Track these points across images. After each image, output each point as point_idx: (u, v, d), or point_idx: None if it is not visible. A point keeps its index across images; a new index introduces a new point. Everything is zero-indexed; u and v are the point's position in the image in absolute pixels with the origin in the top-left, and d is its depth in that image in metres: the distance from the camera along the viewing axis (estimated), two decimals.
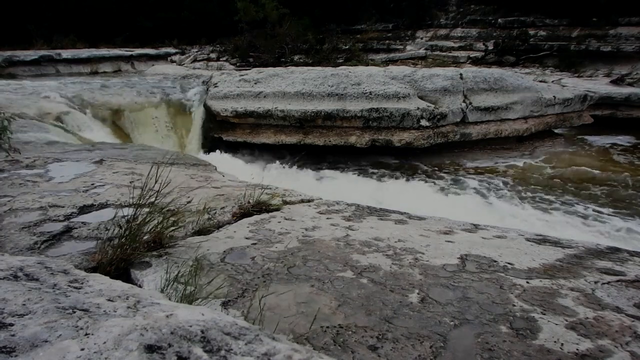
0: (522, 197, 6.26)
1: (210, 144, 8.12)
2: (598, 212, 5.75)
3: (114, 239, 1.76)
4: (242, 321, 0.86)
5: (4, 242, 1.86)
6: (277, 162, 7.54)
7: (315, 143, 7.51)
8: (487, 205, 5.95)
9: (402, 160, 7.84)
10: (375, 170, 7.47)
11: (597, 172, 7.31)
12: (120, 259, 1.67)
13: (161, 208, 1.90)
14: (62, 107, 6.75)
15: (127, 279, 1.66)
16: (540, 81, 10.08)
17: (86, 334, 0.74)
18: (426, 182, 6.92)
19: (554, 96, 8.48)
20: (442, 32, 18.24)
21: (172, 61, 15.73)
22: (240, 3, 15.62)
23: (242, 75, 8.50)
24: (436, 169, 7.54)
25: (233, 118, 7.88)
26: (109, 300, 0.94)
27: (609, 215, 5.64)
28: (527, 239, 2.12)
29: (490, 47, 15.70)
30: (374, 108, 7.15)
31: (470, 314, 1.39)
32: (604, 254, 1.93)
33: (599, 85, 10.83)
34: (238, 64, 14.28)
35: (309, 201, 2.83)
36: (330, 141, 7.45)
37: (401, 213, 2.60)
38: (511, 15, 16.63)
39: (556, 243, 2.06)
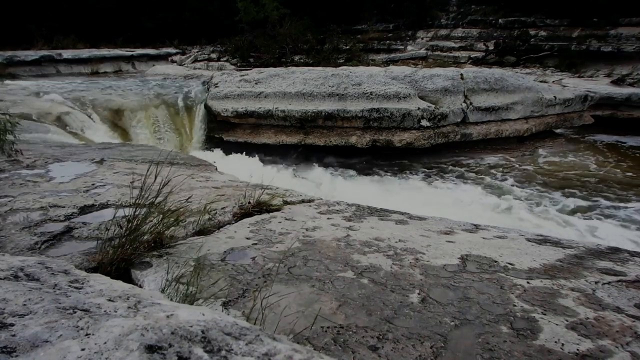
0: (523, 197, 6.26)
1: (211, 144, 8.13)
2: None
3: (114, 239, 1.76)
4: (242, 321, 0.86)
5: (5, 242, 1.86)
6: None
7: (316, 143, 7.52)
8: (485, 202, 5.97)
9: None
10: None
11: (596, 171, 7.32)
12: (121, 259, 1.67)
13: (162, 208, 1.90)
14: (62, 107, 6.76)
15: (128, 279, 1.66)
16: (541, 81, 10.08)
17: (87, 334, 0.74)
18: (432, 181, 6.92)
19: (554, 96, 8.48)
20: (443, 32, 18.23)
21: (173, 61, 15.74)
22: (240, 3, 15.64)
23: (243, 76, 8.50)
24: (436, 169, 7.54)
25: (234, 118, 7.89)
26: (109, 300, 0.94)
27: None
28: (528, 239, 2.11)
29: (491, 48, 15.69)
30: (374, 108, 7.15)
31: (471, 314, 1.39)
32: (604, 254, 1.92)
33: (599, 85, 10.82)
34: (239, 64, 14.29)
35: (309, 201, 2.83)
36: (330, 141, 7.46)
37: (402, 213, 2.60)
38: (512, 15, 16.61)
39: (557, 243, 2.06)
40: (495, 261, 1.80)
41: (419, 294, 1.53)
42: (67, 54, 13.82)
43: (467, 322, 1.35)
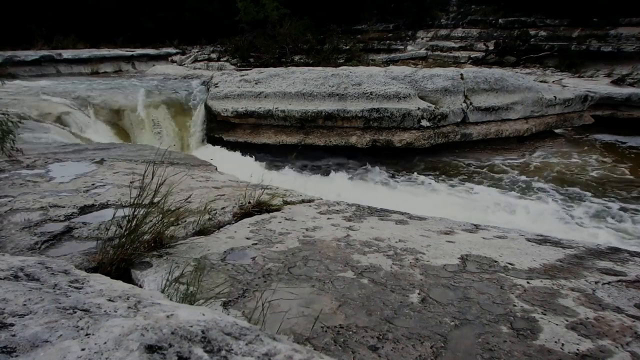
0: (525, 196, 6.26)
1: (211, 144, 8.13)
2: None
3: (114, 239, 1.76)
4: (242, 321, 0.86)
5: (5, 242, 1.86)
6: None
7: (316, 143, 7.52)
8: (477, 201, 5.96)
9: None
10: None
11: (595, 171, 7.32)
12: (121, 259, 1.67)
13: (162, 208, 1.90)
14: (62, 107, 6.76)
15: (128, 279, 1.66)
16: (541, 81, 10.08)
17: (87, 334, 0.74)
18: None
19: (554, 96, 8.48)
20: (443, 32, 18.23)
21: (173, 61, 15.73)
22: (240, 3, 15.63)
23: (243, 76, 8.50)
24: (440, 170, 7.53)
25: (234, 118, 7.89)
26: (109, 300, 0.94)
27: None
28: (528, 239, 2.11)
29: (491, 48, 15.69)
30: (374, 108, 7.15)
31: (471, 314, 1.39)
32: (604, 254, 1.92)
33: (599, 85, 10.82)
34: (239, 64, 14.28)
35: (309, 201, 2.83)
36: (331, 141, 7.46)
37: (402, 213, 2.60)
38: (512, 15, 16.61)
39: (557, 243, 2.06)
40: (495, 261, 1.80)
41: (419, 294, 1.53)
42: (67, 54, 13.80)
43: (467, 322, 1.35)
